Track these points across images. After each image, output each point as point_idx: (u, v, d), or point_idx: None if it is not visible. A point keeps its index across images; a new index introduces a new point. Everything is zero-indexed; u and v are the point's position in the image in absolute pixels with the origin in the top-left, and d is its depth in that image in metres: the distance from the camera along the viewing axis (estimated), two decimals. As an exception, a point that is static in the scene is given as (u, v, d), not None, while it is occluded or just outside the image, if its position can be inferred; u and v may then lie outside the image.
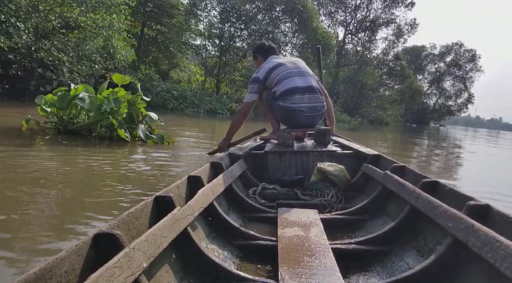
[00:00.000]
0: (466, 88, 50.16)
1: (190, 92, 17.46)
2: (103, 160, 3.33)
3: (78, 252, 0.80)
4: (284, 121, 2.89)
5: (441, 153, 7.85)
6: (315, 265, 1.15)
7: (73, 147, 3.89)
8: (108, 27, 10.14)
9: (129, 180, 2.65)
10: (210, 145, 4.89)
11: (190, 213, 1.26)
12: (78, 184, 2.48)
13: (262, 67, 2.94)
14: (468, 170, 5.73)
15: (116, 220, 0.97)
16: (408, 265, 1.28)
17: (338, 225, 1.74)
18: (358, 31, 35.31)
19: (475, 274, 1.04)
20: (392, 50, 37.33)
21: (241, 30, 22.72)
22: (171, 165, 3.50)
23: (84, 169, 2.93)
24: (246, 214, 1.87)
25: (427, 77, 52.17)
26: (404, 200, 1.55)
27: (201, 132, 7.53)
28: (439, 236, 1.26)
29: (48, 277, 0.70)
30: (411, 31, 36.53)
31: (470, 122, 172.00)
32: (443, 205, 1.25)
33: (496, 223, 1.11)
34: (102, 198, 2.14)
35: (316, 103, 2.78)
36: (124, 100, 4.56)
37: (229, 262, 1.33)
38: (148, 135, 4.66)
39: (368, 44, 35.77)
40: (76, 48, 10.13)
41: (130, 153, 3.96)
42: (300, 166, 2.51)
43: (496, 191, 3.49)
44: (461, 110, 52.32)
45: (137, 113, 4.69)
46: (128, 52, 11.43)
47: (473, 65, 49.15)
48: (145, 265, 0.87)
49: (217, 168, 1.99)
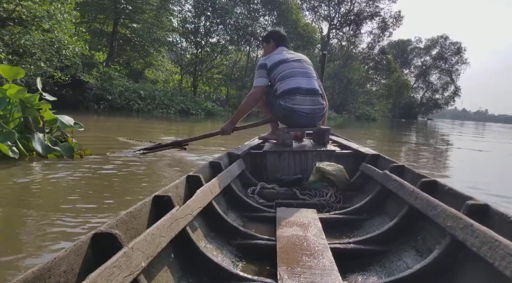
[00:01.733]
0: (452, 81, 50.64)
1: (160, 92, 16.24)
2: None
3: (77, 252, 0.80)
4: (284, 121, 2.89)
5: (436, 153, 7.81)
6: (313, 264, 1.15)
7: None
8: (48, 17, 8.86)
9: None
10: (142, 163, 3.56)
11: (189, 213, 1.26)
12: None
13: (271, 56, 2.88)
14: (456, 168, 5.69)
15: (115, 220, 0.97)
16: (407, 264, 1.28)
17: (337, 224, 1.74)
18: (342, 25, 34.81)
19: (474, 273, 1.04)
20: (378, 44, 37.04)
21: (217, 25, 21.73)
22: (49, 191, 2.43)
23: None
24: (245, 213, 1.86)
25: (413, 71, 52.62)
26: (403, 199, 1.55)
27: (148, 138, 5.49)
28: (438, 236, 1.26)
29: (46, 277, 0.70)
30: (396, 24, 36.25)
31: (457, 115, 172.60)
32: (441, 205, 1.25)
33: (495, 222, 1.11)
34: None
35: (317, 106, 2.78)
36: (16, 102, 3.46)
37: (228, 262, 1.33)
38: (49, 148, 3.51)
39: (353, 38, 35.34)
40: (12, 43, 8.86)
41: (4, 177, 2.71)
42: (299, 166, 2.51)
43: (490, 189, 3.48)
44: (448, 103, 52.66)
45: (35, 118, 3.56)
46: (78, 48, 10.00)
47: (459, 57, 49.67)
48: (143, 264, 0.87)
49: (216, 167, 1.99)
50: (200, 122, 12.97)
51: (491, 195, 3.14)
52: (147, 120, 11.31)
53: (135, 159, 3.73)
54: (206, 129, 7.07)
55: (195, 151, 4.50)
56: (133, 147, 4.47)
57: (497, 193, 3.25)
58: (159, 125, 9.88)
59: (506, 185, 4.19)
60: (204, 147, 4.95)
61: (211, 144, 5.29)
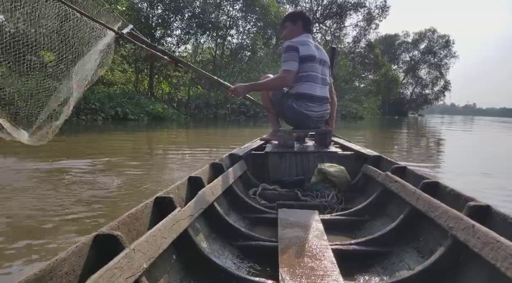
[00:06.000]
0: (442, 75, 49.76)
1: (90, 95, 12.11)
2: None
3: (79, 253, 0.80)
4: (291, 121, 2.88)
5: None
6: (315, 266, 1.14)
7: None
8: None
9: None
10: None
11: (190, 214, 1.27)
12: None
13: (301, 41, 2.68)
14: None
15: (117, 221, 0.98)
16: (408, 266, 1.28)
17: (339, 226, 1.74)
18: (325, 18, 32.88)
19: (476, 275, 1.04)
20: (364, 37, 35.38)
21: (175, 14, 18.57)
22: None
23: None
24: (247, 214, 1.86)
25: (402, 67, 51.50)
26: (405, 200, 1.55)
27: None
28: (440, 237, 1.26)
29: (48, 279, 0.70)
30: (382, 15, 34.33)
31: (446, 110, 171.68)
32: (443, 206, 1.25)
33: (496, 223, 1.11)
34: None
35: (325, 112, 2.84)
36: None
37: (230, 263, 1.33)
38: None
39: (337, 32, 33.78)
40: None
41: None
42: (300, 167, 2.50)
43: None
44: (438, 98, 51.75)
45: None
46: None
47: (448, 51, 48.76)
48: (145, 266, 0.88)
49: (217, 168, 2.00)
50: (132, 133, 8.88)
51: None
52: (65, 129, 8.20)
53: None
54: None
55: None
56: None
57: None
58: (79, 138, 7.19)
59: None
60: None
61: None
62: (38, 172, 3.49)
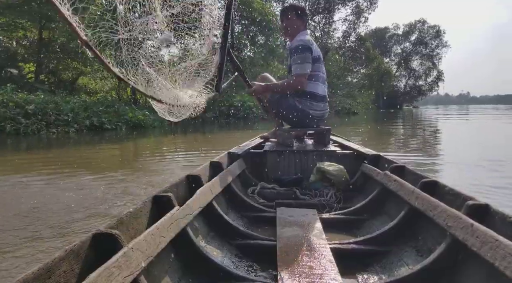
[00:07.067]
0: (434, 65, 49.31)
1: (62, 105, 10.98)
2: None
3: (77, 252, 0.80)
4: (291, 120, 2.87)
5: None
6: (314, 264, 1.14)
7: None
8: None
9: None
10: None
11: (189, 213, 1.26)
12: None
13: (309, 39, 2.67)
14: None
15: (115, 220, 0.97)
16: (407, 265, 1.28)
17: (337, 225, 1.74)
18: (314, 13, 32.36)
19: (474, 273, 1.04)
20: (354, 31, 34.97)
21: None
22: None
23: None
24: (245, 213, 1.86)
25: (394, 59, 51.17)
26: (403, 199, 1.55)
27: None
28: (438, 236, 1.26)
29: (46, 277, 0.70)
30: (371, 8, 33.90)
31: (440, 101, 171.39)
32: (442, 205, 1.25)
33: (495, 222, 1.11)
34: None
35: (325, 111, 2.87)
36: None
37: (228, 262, 1.33)
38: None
39: (327, 27, 33.33)
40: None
41: None
42: (299, 166, 2.50)
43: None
44: (432, 89, 51.22)
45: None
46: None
47: (439, 41, 48.40)
48: (143, 264, 0.87)
49: (216, 167, 1.99)
50: (106, 145, 7.90)
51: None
52: (31, 144, 7.68)
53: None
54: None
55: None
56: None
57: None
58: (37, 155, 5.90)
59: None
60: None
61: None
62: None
